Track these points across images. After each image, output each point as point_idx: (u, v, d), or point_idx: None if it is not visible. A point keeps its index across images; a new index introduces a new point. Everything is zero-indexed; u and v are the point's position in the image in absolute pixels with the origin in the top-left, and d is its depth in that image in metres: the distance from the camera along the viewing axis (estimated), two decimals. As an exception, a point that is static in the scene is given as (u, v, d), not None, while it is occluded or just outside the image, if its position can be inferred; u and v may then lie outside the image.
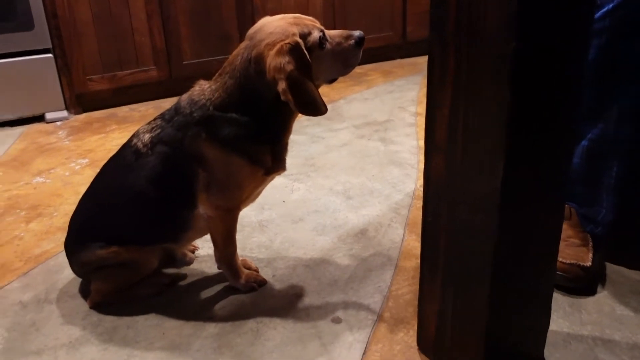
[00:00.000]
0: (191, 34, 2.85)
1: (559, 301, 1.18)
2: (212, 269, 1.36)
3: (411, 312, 1.17)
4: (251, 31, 1.12)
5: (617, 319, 1.13)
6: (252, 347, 1.10)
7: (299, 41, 1.06)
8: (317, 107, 1.08)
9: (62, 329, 1.17)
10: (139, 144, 1.16)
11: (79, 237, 1.23)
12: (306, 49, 1.07)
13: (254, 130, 1.11)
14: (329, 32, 1.13)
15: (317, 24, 1.13)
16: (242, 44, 1.12)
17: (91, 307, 1.23)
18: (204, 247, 1.44)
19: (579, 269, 1.20)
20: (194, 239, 1.35)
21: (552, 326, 1.05)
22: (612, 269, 1.29)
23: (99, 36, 2.64)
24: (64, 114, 2.63)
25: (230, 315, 1.19)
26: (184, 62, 2.86)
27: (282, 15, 1.13)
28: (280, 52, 1.04)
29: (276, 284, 1.30)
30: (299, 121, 1.25)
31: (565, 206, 1.00)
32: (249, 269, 1.32)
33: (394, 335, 1.12)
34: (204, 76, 1.22)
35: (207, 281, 1.32)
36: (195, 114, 1.12)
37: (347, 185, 1.82)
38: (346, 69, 1.16)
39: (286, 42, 1.05)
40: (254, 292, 1.26)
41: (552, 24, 0.75)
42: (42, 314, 1.22)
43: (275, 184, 1.64)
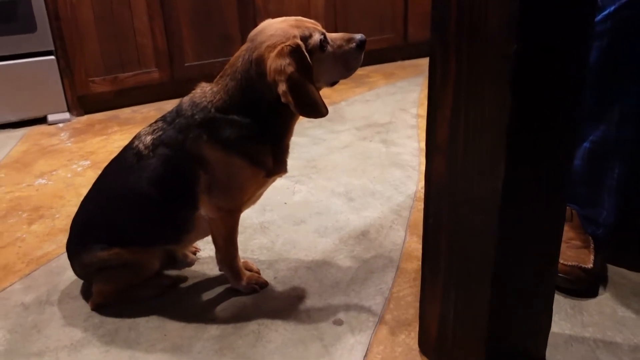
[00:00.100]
0: (193, 36, 2.86)
1: (560, 303, 1.18)
2: (213, 270, 1.36)
3: (412, 314, 1.17)
4: (252, 33, 1.13)
5: (619, 321, 1.13)
6: (253, 349, 1.10)
7: (300, 43, 1.07)
8: (317, 109, 1.08)
9: (64, 330, 1.17)
10: (141, 146, 1.17)
11: (81, 239, 1.23)
12: (307, 51, 1.08)
13: (255, 132, 1.11)
14: (331, 35, 1.13)
15: (319, 27, 1.13)
16: (244, 46, 1.12)
17: (93, 309, 1.23)
18: (206, 249, 1.45)
19: (581, 271, 1.20)
20: (196, 241, 1.35)
21: (554, 328, 1.05)
22: (613, 270, 1.29)
23: (101, 38, 2.64)
24: (66, 115, 2.64)
25: (231, 317, 1.19)
26: (186, 64, 2.86)
27: (283, 17, 1.13)
28: (280, 54, 1.04)
29: (278, 286, 1.30)
30: (301, 123, 1.25)
31: (566, 208, 0.99)
32: (251, 270, 1.32)
33: (396, 337, 1.12)
34: (205, 78, 1.23)
35: (209, 283, 1.32)
36: (196, 116, 1.12)
37: (349, 187, 1.82)
38: (347, 72, 1.16)
39: (287, 44, 1.05)
40: (255, 294, 1.26)
41: (553, 25, 0.75)
42: (43, 316, 1.22)
43: (276, 186, 1.64)
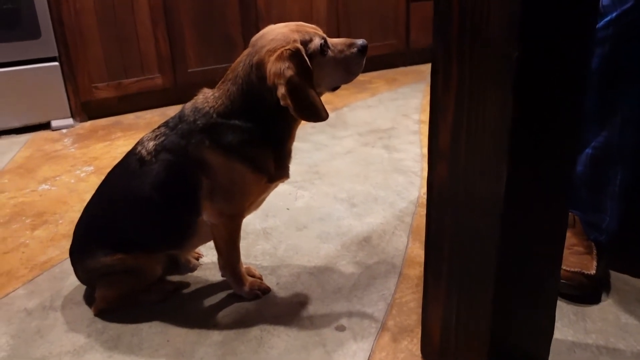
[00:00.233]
0: (196, 42, 2.87)
1: (563, 309, 1.18)
2: (216, 276, 1.36)
3: (415, 320, 1.17)
4: (254, 38, 1.13)
5: (622, 328, 1.13)
6: (256, 354, 1.10)
7: (300, 47, 1.07)
8: (317, 113, 1.08)
9: (67, 336, 1.18)
10: (144, 152, 1.17)
11: (84, 244, 1.23)
12: (307, 56, 1.08)
13: (257, 136, 1.11)
14: (332, 40, 1.14)
15: (319, 32, 1.13)
16: (245, 51, 1.13)
17: (96, 314, 1.23)
18: (208, 255, 1.45)
19: (583, 277, 1.20)
20: (198, 246, 1.35)
21: (557, 334, 1.04)
22: (616, 277, 1.29)
23: (104, 44, 2.66)
24: (70, 121, 2.65)
25: (234, 322, 1.19)
26: (189, 70, 2.87)
27: (285, 23, 1.14)
28: (280, 58, 1.05)
29: (280, 292, 1.30)
30: (303, 129, 1.26)
31: (569, 214, 0.99)
32: (253, 276, 1.32)
33: (398, 343, 1.11)
34: (208, 84, 1.23)
35: (211, 288, 1.32)
36: (198, 122, 1.12)
37: (351, 192, 1.82)
38: (349, 77, 1.17)
39: (286, 48, 1.06)
40: (258, 300, 1.26)
41: (555, 29, 0.76)
42: (47, 321, 1.22)
43: (279, 192, 1.64)
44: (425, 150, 2.10)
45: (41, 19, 2.47)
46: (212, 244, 1.26)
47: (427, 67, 1.13)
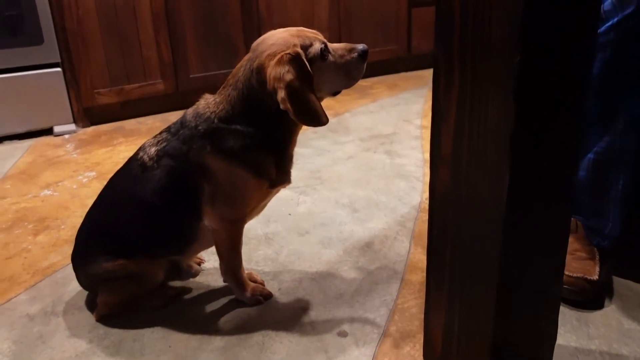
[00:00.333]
0: (198, 47, 2.88)
1: (566, 315, 1.17)
2: (218, 281, 1.36)
3: (417, 326, 1.17)
4: (255, 44, 1.14)
5: (625, 333, 1.12)
6: (257, 360, 1.10)
7: (300, 51, 1.07)
8: (317, 117, 1.08)
9: (69, 341, 1.17)
10: (145, 157, 1.17)
11: (86, 250, 1.23)
12: (307, 60, 1.08)
13: (258, 141, 1.11)
14: (333, 45, 1.14)
15: (320, 37, 1.14)
16: (246, 57, 1.13)
17: (97, 320, 1.23)
18: (210, 260, 1.45)
19: (586, 283, 1.20)
20: (200, 251, 1.35)
21: (560, 340, 1.04)
22: (619, 282, 1.28)
23: (106, 50, 2.67)
24: (72, 127, 2.65)
25: (236, 328, 1.19)
26: (191, 76, 2.88)
27: (286, 28, 1.14)
28: (280, 62, 1.05)
29: (282, 297, 1.30)
30: (305, 134, 1.26)
31: (571, 219, 0.99)
32: (255, 282, 1.32)
33: (400, 349, 1.11)
34: (210, 89, 1.24)
35: (213, 294, 1.32)
36: (200, 127, 1.13)
37: (353, 198, 1.82)
38: (349, 82, 1.17)
39: (287, 52, 1.06)
40: (259, 305, 1.26)
41: (557, 34, 0.76)
42: (49, 327, 1.22)
43: (281, 197, 1.64)
44: (427, 155, 2.11)
45: (44, 25, 2.48)
46: (213, 249, 1.26)
47: (428, 73, 1.13)
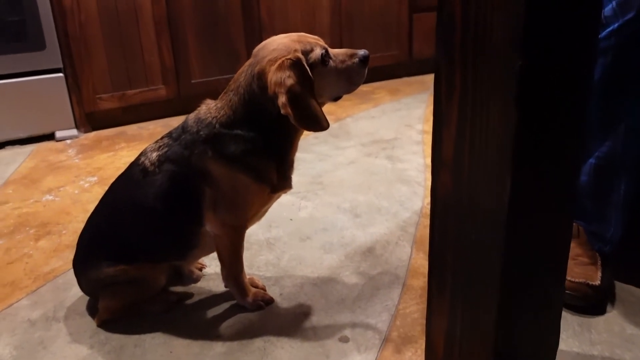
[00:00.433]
0: (199, 53, 2.88)
1: (568, 320, 1.17)
2: (219, 287, 1.36)
3: (419, 331, 1.17)
4: (256, 49, 1.14)
5: (628, 339, 1.12)
6: (259, 366, 1.09)
7: (301, 57, 1.08)
8: (318, 122, 1.08)
9: (70, 347, 1.17)
10: (147, 162, 1.17)
11: (88, 255, 1.23)
12: (308, 65, 1.09)
13: (259, 146, 1.11)
14: (334, 51, 1.14)
15: (321, 42, 1.14)
16: (247, 62, 1.14)
17: (99, 325, 1.23)
18: (212, 265, 1.45)
19: (588, 288, 1.19)
20: (201, 257, 1.35)
21: (562, 345, 1.04)
22: (621, 287, 1.28)
23: (108, 55, 2.67)
24: (74, 132, 2.66)
25: (237, 333, 1.19)
26: (193, 81, 2.89)
27: (287, 34, 1.14)
28: (281, 67, 1.06)
29: (283, 303, 1.29)
30: (306, 139, 1.26)
31: (573, 224, 0.99)
32: (256, 287, 1.32)
33: (402, 355, 1.11)
34: (212, 94, 1.24)
35: (215, 299, 1.32)
36: (201, 132, 1.13)
37: (355, 203, 1.82)
38: (350, 87, 1.17)
39: (287, 57, 1.07)
40: (261, 311, 1.26)
41: (558, 40, 0.76)
42: (50, 332, 1.22)
43: (282, 202, 1.64)
44: (428, 160, 2.10)
45: (46, 30, 2.49)
46: (215, 254, 1.25)
47: (430, 78, 1.13)
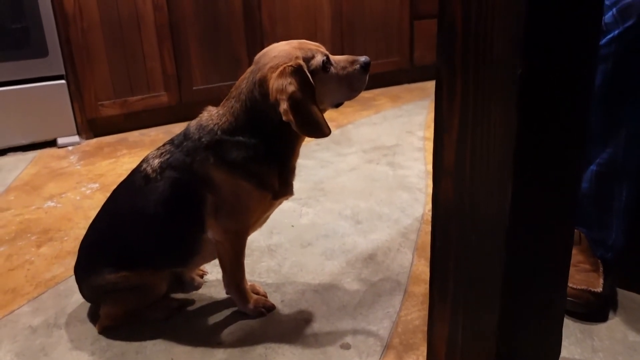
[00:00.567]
0: (201, 60, 2.89)
1: (570, 327, 1.17)
2: (220, 293, 1.36)
3: (420, 338, 1.16)
4: (257, 56, 1.15)
5: (630, 346, 1.12)
6: (260, 373, 1.09)
7: (302, 64, 1.08)
8: (319, 128, 1.09)
9: (71, 354, 1.17)
10: (149, 169, 1.18)
11: (89, 262, 1.23)
12: (309, 72, 1.09)
13: (261, 153, 1.12)
14: (335, 57, 1.15)
15: (322, 49, 1.14)
16: (249, 69, 1.14)
17: (100, 332, 1.23)
18: (213, 272, 1.44)
19: (590, 295, 1.19)
20: (203, 264, 1.35)
21: (564, 353, 1.03)
22: (623, 294, 1.28)
23: (110, 62, 2.68)
24: (76, 138, 2.66)
25: (238, 340, 1.19)
26: (194, 88, 2.89)
27: (288, 41, 1.15)
28: (282, 74, 1.06)
29: (285, 309, 1.29)
30: (307, 146, 1.26)
31: (574, 231, 0.99)
32: (258, 293, 1.32)
33: (403, 361, 1.11)
34: (213, 101, 1.24)
35: (216, 306, 1.32)
36: (203, 139, 1.13)
37: (356, 209, 1.82)
38: (352, 93, 1.17)
39: (289, 64, 1.07)
40: (262, 318, 1.26)
41: (558, 47, 0.76)
42: (51, 339, 1.22)
43: (284, 209, 1.64)
44: (429, 167, 2.11)
45: (49, 37, 2.50)
46: (216, 261, 1.25)
47: (431, 84, 1.13)
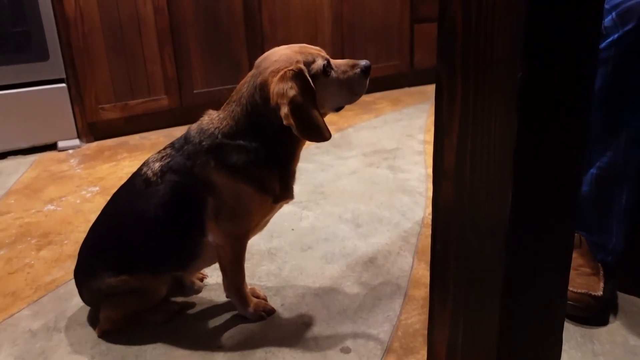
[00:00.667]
0: (202, 63, 2.90)
1: (570, 331, 1.17)
2: (220, 297, 1.35)
3: (420, 342, 1.16)
4: (258, 60, 1.15)
5: (631, 350, 1.11)
6: (260, 376, 1.09)
7: (303, 68, 1.08)
8: (320, 132, 1.09)
9: (71, 358, 1.17)
10: (149, 173, 1.18)
11: (89, 265, 1.23)
12: (310, 76, 1.09)
13: (261, 157, 1.12)
14: (335, 61, 1.15)
15: (322, 53, 1.15)
16: (250, 73, 1.15)
17: (100, 336, 1.22)
18: (213, 276, 1.44)
19: (590, 298, 1.19)
20: (203, 267, 1.35)
21: (564, 357, 1.03)
22: (624, 298, 1.28)
23: (111, 66, 2.69)
24: (76, 142, 2.67)
25: (239, 344, 1.19)
26: (195, 91, 2.90)
27: (289, 45, 1.15)
28: (283, 78, 1.06)
29: (285, 313, 1.29)
30: (308, 149, 1.26)
31: (575, 234, 0.99)
32: (258, 297, 1.31)
33: (404, 365, 1.10)
34: (214, 105, 1.24)
35: (216, 310, 1.31)
36: (204, 143, 1.13)
37: (356, 213, 1.82)
38: (352, 97, 1.17)
39: (289, 68, 1.07)
40: (262, 321, 1.26)
41: (559, 51, 0.76)
42: (51, 343, 1.22)
43: (284, 212, 1.64)
44: (430, 170, 2.11)
45: (49, 41, 2.51)
46: (217, 264, 1.25)
47: (431, 88, 1.14)
